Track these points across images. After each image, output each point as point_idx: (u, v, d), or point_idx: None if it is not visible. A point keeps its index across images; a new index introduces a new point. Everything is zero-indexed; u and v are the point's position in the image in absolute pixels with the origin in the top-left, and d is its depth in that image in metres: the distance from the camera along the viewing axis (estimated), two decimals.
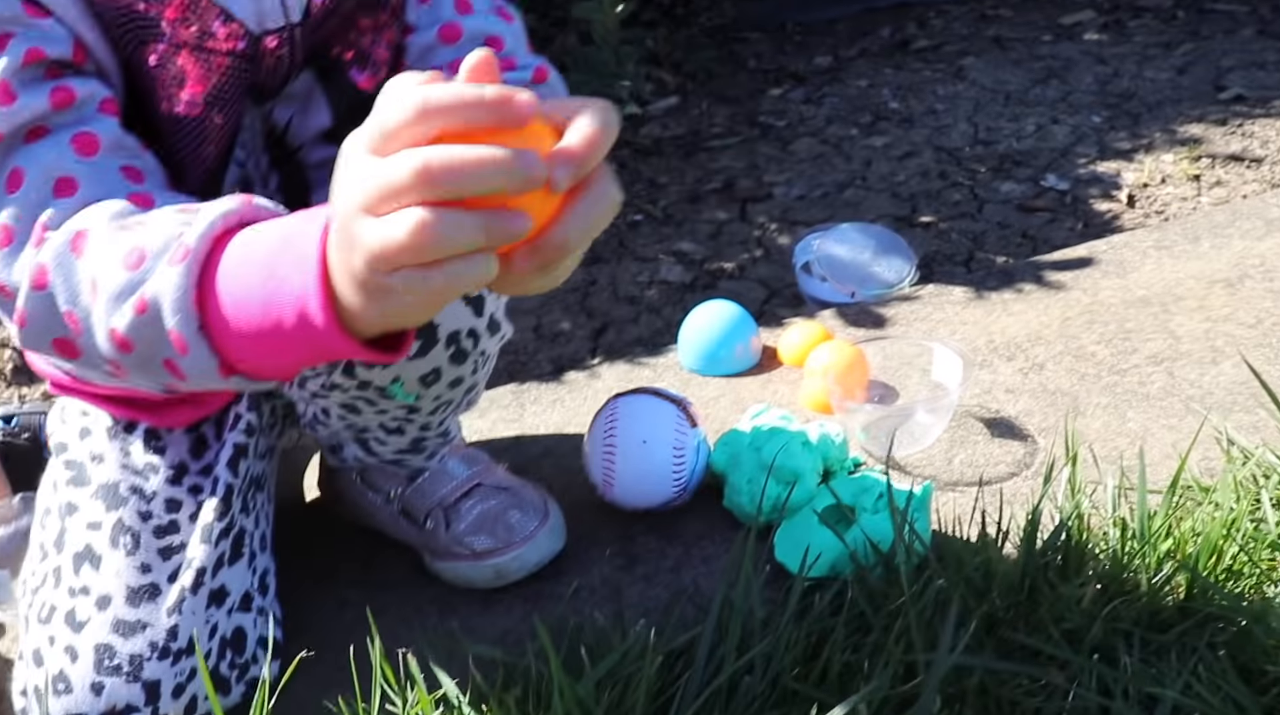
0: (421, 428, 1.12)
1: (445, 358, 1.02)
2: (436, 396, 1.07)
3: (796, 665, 0.93)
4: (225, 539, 1.05)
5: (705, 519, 1.22)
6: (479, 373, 1.09)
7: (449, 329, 1.01)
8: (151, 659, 0.98)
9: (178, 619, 1.00)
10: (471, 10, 1.00)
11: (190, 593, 1.01)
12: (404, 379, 1.02)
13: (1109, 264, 1.62)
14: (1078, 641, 0.94)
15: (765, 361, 1.52)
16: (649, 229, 2.17)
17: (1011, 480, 1.22)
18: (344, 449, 1.17)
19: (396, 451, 1.15)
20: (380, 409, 1.08)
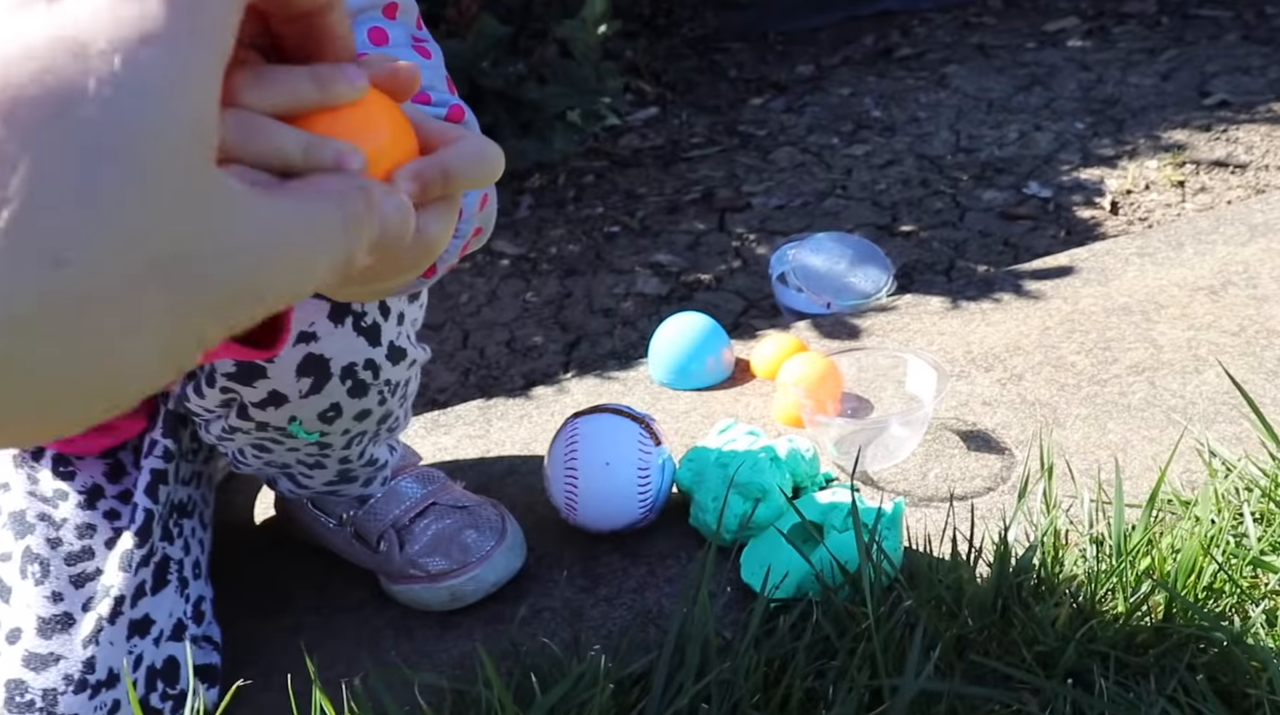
0: (341, 461, 1.07)
1: (343, 393, 0.97)
2: (345, 431, 1.02)
3: (756, 692, 0.89)
4: (146, 567, 1.01)
5: (671, 538, 1.18)
6: (389, 402, 1.03)
7: (342, 363, 0.96)
8: (66, 693, 0.93)
9: (94, 650, 0.95)
10: (387, 43, 0.93)
11: (108, 622, 0.97)
12: (301, 418, 0.97)
13: (1090, 272, 1.59)
14: (1051, 665, 0.90)
15: (738, 374, 1.48)
16: (626, 240, 2.13)
17: (988, 495, 1.18)
18: (277, 483, 1.13)
19: (326, 484, 1.11)
20: (290, 447, 1.03)
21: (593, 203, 2.30)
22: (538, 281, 2.03)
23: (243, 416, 0.98)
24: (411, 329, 1.05)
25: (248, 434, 1.00)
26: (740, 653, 0.90)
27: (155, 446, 1.06)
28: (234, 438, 1.02)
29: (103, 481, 1.06)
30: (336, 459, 1.06)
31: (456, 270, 2.10)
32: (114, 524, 1.03)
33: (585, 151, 2.49)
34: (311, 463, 1.06)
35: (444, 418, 1.48)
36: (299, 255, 0.37)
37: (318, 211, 0.38)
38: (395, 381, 1.02)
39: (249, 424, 0.98)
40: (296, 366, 0.93)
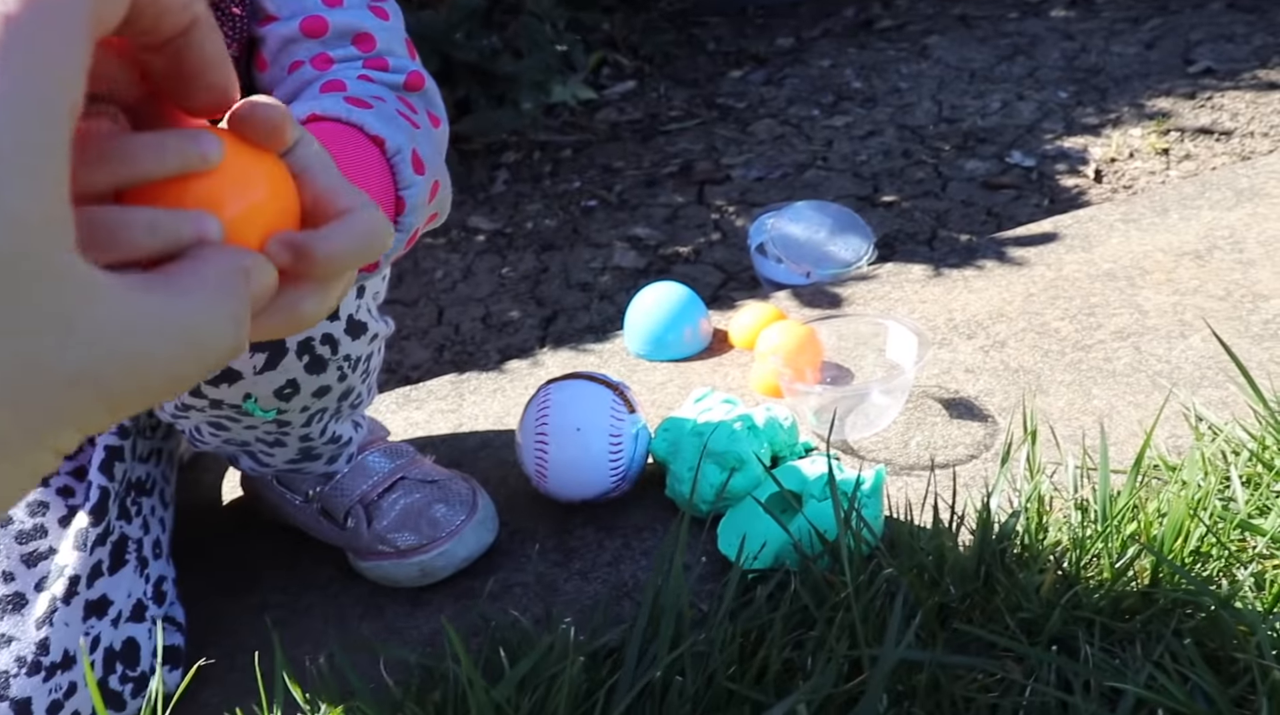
0: (302, 439, 1.03)
1: (300, 369, 0.93)
2: (304, 408, 0.98)
3: (732, 664, 0.86)
4: (102, 546, 0.97)
5: (646, 510, 1.15)
6: (350, 378, 1.00)
7: (298, 338, 0.92)
8: (19, 675, 0.90)
9: (49, 631, 0.92)
10: (341, 3, 0.86)
11: (62, 602, 0.93)
12: (256, 396, 0.93)
13: (1074, 238, 1.56)
14: (1036, 632, 0.87)
15: (716, 345, 1.45)
16: (603, 214, 2.10)
17: (970, 463, 1.16)
18: (238, 461, 1.10)
19: (288, 462, 1.07)
20: (248, 425, 0.99)
21: (569, 177, 2.26)
22: (514, 256, 2.00)
23: (195, 394, 0.94)
24: (373, 302, 1.01)
25: (202, 412, 0.97)
26: (715, 623, 0.87)
27: None
28: (188, 415, 0.99)
29: None
30: (297, 437, 1.02)
31: (430, 246, 2.07)
32: (68, 501, 0.99)
33: (561, 125, 2.46)
34: (271, 441, 1.03)
35: (415, 393, 1.45)
36: (182, 352, 0.33)
37: (200, 303, 0.34)
38: (355, 356, 0.99)
39: (202, 401, 0.95)
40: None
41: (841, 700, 0.83)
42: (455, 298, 1.90)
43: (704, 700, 0.84)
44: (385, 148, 0.71)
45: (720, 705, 0.85)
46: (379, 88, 0.80)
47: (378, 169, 0.71)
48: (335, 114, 0.72)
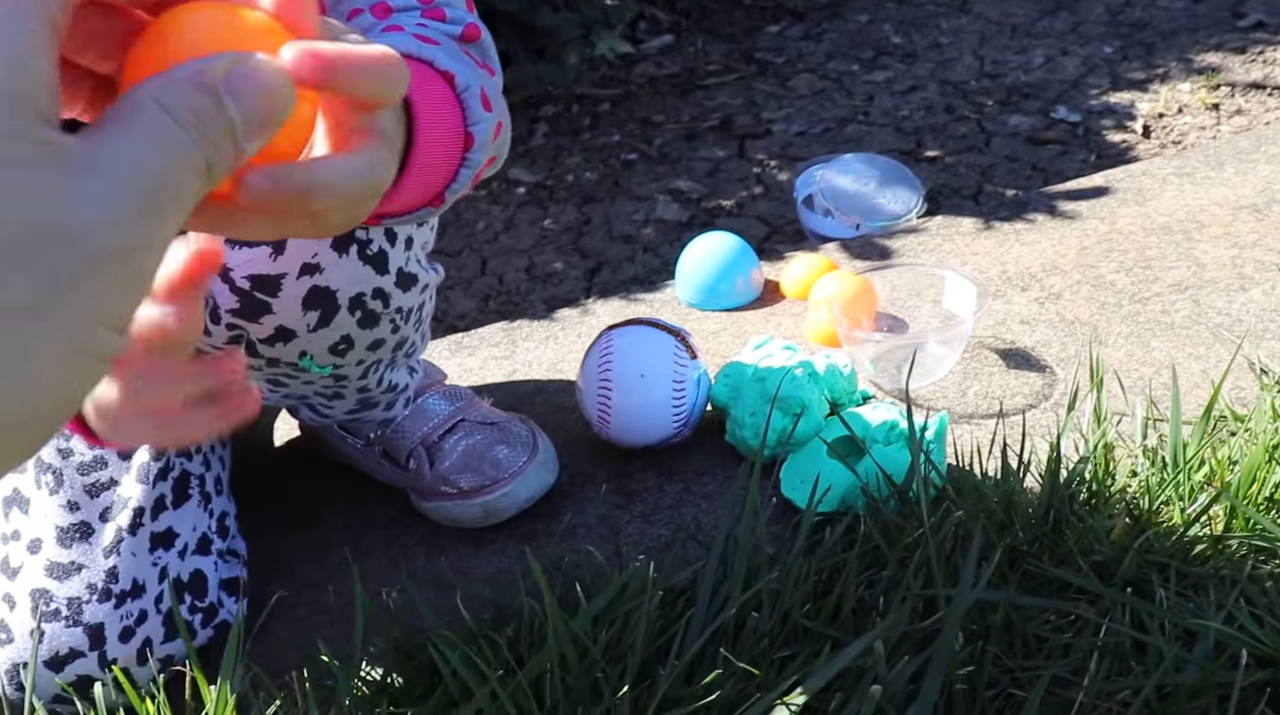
0: (360, 390, 1.04)
1: (353, 324, 0.93)
2: (359, 362, 0.98)
3: (806, 601, 0.86)
4: (164, 481, 0.98)
5: (706, 455, 1.16)
6: (403, 329, 1.00)
7: (350, 293, 0.91)
8: (91, 601, 0.91)
9: (116, 560, 0.93)
10: None
11: (128, 533, 0.94)
12: (311, 353, 0.93)
13: (1127, 192, 1.55)
14: (1108, 575, 0.88)
15: (767, 295, 1.45)
16: (644, 168, 2.10)
17: (1029, 412, 1.16)
18: (299, 412, 1.11)
19: (347, 413, 1.08)
20: (305, 381, 0.99)
21: (609, 131, 2.25)
22: (555, 208, 2.00)
23: (252, 353, 0.94)
24: (422, 252, 1.01)
25: (259, 371, 0.97)
26: (789, 562, 0.88)
27: None
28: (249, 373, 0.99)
29: None
30: (355, 389, 1.03)
31: (472, 198, 2.07)
32: None
33: (600, 79, 2.45)
34: (330, 395, 1.03)
35: (468, 340, 1.45)
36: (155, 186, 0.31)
37: (147, 129, 0.32)
38: (407, 308, 0.98)
39: (259, 361, 0.95)
40: (302, 300, 0.89)
41: (916, 638, 0.84)
42: (498, 249, 1.90)
43: (779, 637, 0.85)
44: (455, 83, 0.69)
45: (794, 641, 0.85)
46: (438, 34, 0.78)
47: (449, 103, 0.69)
48: (406, 49, 0.69)
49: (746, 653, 0.83)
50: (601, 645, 0.83)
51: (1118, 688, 0.78)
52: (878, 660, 0.78)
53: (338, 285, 0.90)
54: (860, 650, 0.78)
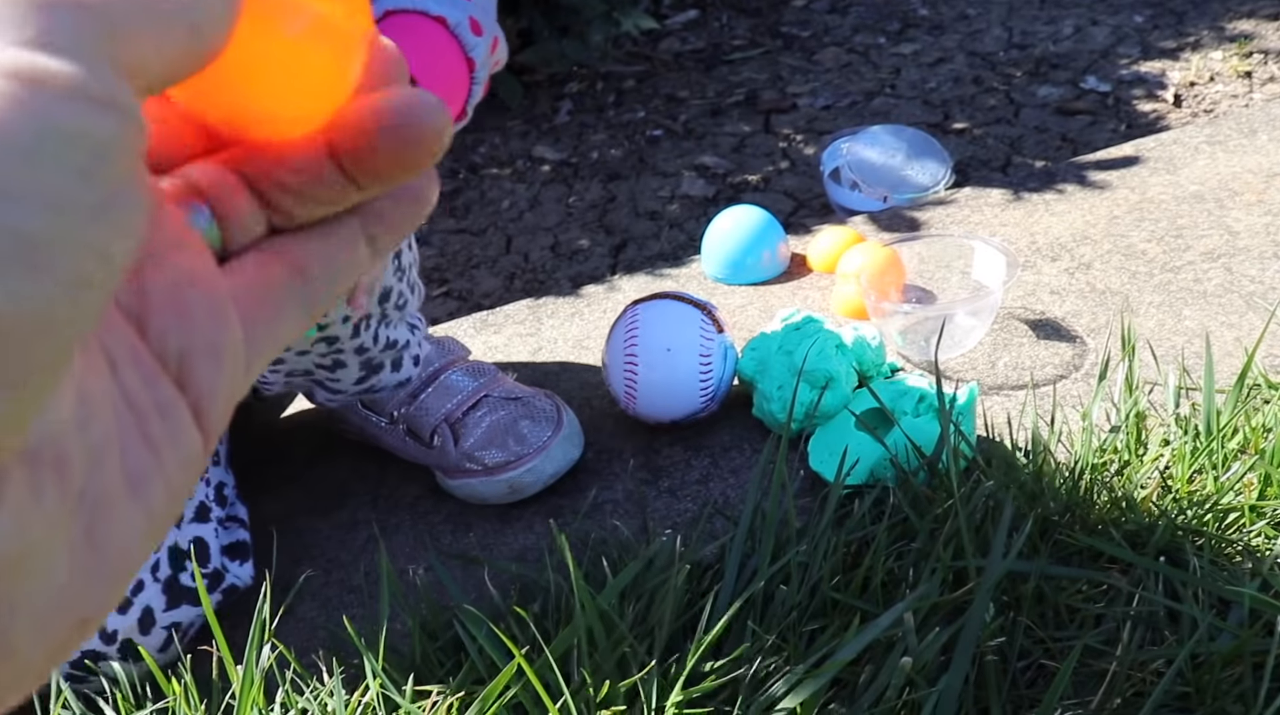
0: (358, 351, 1.03)
1: None
2: (345, 317, 0.98)
3: (836, 574, 0.86)
4: None
5: (733, 430, 1.15)
6: (385, 278, 1.00)
7: None
8: None
9: None
10: None
11: None
12: None
13: (1157, 161, 1.53)
14: (1140, 545, 0.87)
15: (794, 269, 1.44)
16: (669, 144, 2.08)
17: (1060, 382, 1.14)
18: (314, 395, 1.11)
19: (356, 383, 1.07)
20: (299, 351, 0.99)
21: (633, 107, 2.24)
22: (580, 186, 1.99)
23: None
24: None
25: None
26: (818, 535, 0.87)
27: None
28: None
29: None
30: (352, 351, 1.03)
31: (496, 176, 2.06)
32: None
33: (624, 55, 2.43)
34: (330, 364, 1.03)
35: (492, 317, 1.45)
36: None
37: None
38: None
39: None
40: None
41: (947, 609, 0.83)
42: (523, 227, 1.89)
43: (808, 610, 0.84)
44: (447, 23, 0.87)
45: (823, 614, 0.85)
46: None
47: (446, 41, 0.86)
48: (401, 6, 0.87)
49: (775, 626, 0.82)
50: (629, 620, 0.83)
51: (1151, 657, 0.77)
52: (908, 632, 0.77)
53: None
54: (891, 622, 0.78)
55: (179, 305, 0.24)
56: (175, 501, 0.23)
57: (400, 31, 0.86)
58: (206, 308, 0.24)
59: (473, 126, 2.24)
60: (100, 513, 0.22)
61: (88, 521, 0.21)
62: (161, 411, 0.23)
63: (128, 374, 0.23)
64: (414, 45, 0.85)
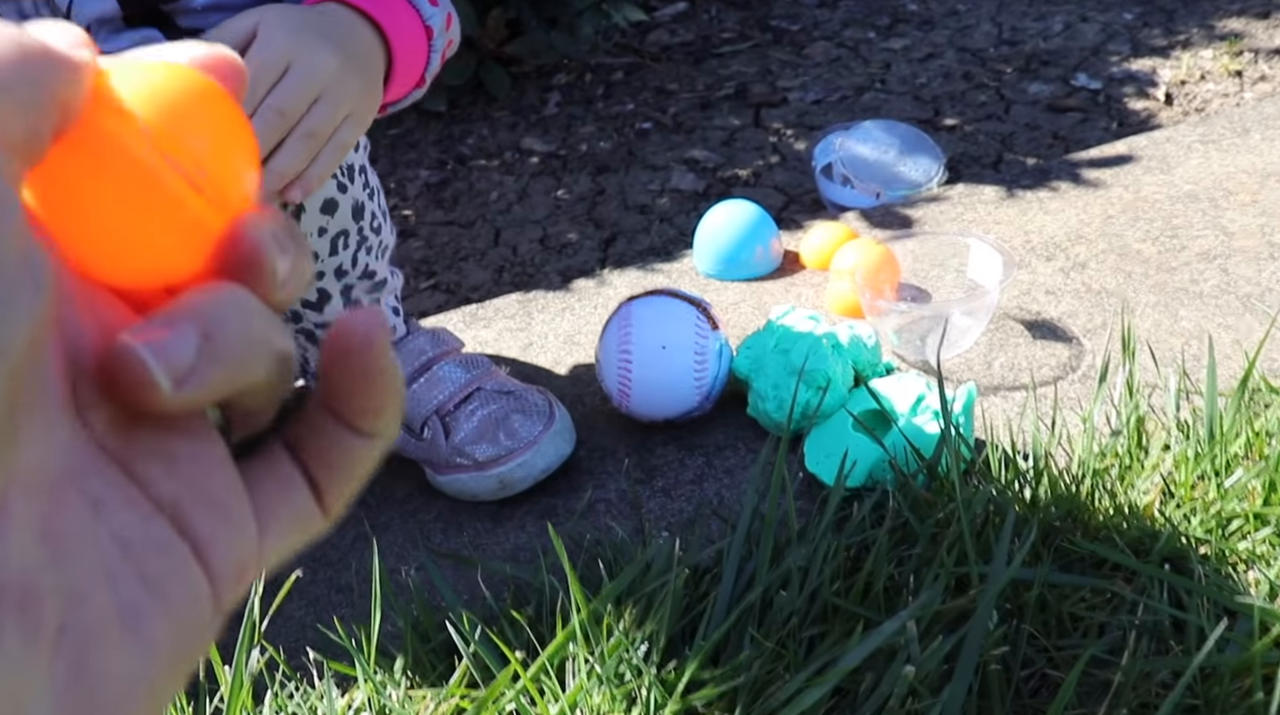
0: (338, 273, 1.04)
1: None
2: (321, 229, 0.99)
3: (836, 579, 0.84)
4: None
5: (727, 429, 1.14)
6: (352, 188, 1.01)
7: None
8: None
9: None
10: None
11: None
12: None
13: (1151, 160, 1.52)
14: (1143, 552, 0.86)
15: (786, 265, 1.42)
16: (658, 137, 2.06)
17: (1056, 384, 1.13)
18: (307, 362, 1.10)
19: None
20: None
21: (622, 99, 2.22)
22: (569, 178, 1.97)
23: None
24: None
25: None
26: (817, 539, 0.86)
27: None
28: None
29: None
30: (332, 273, 1.03)
31: (485, 168, 2.04)
32: None
33: (612, 48, 2.41)
34: (315, 298, 1.04)
35: (482, 311, 1.43)
36: None
37: None
38: (346, 162, 1.00)
39: None
40: None
41: (948, 617, 0.82)
42: (511, 219, 1.87)
43: (808, 616, 0.83)
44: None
45: (822, 620, 0.83)
46: None
47: (403, 9, 0.87)
48: None
49: (774, 632, 0.81)
50: (625, 625, 0.81)
51: (1157, 668, 0.76)
52: (910, 640, 0.76)
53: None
54: (895, 629, 0.76)
55: (165, 452, 0.23)
56: (184, 644, 0.23)
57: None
58: (195, 457, 0.24)
59: (460, 117, 2.22)
60: (89, 650, 0.21)
61: (73, 659, 0.20)
62: (158, 549, 0.23)
63: (117, 514, 0.22)
64: (374, 6, 0.85)
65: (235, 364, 0.23)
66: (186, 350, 0.22)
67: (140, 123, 0.22)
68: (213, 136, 0.23)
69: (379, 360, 0.25)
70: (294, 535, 0.26)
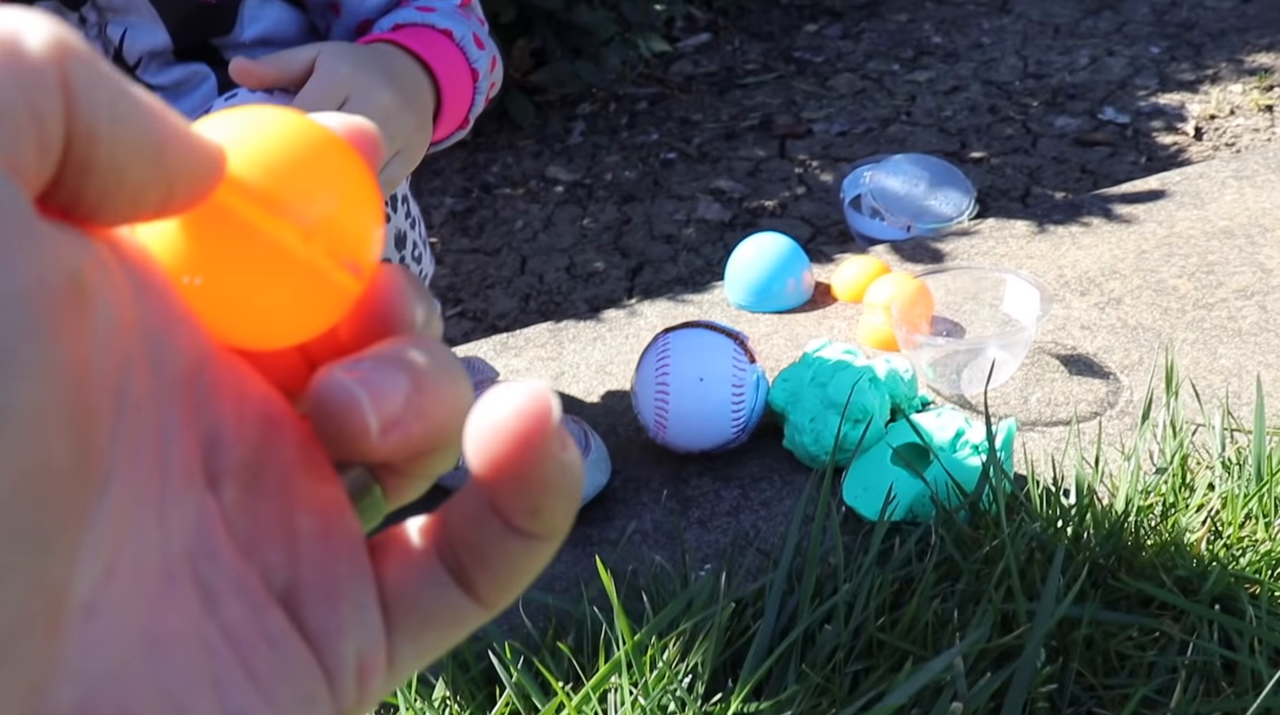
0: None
1: None
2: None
3: (881, 614, 0.84)
4: None
5: (762, 460, 1.13)
6: (395, 217, 1.01)
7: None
8: None
9: None
10: None
11: None
12: None
13: (1184, 195, 1.52)
14: (1191, 591, 0.85)
15: (818, 297, 1.42)
16: (683, 167, 2.07)
17: (1094, 420, 1.13)
18: None
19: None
20: None
21: (647, 129, 2.23)
22: (594, 207, 1.97)
23: None
24: None
25: None
26: (862, 573, 0.85)
27: None
28: None
29: None
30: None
31: (510, 196, 2.04)
32: None
33: (637, 77, 2.42)
34: None
35: (513, 340, 1.43)
36: None
37: None
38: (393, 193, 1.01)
39: None
40: None
41: (994, 654, 0.81)
42: (537, 248, 1.87)
43: (853, 651, 0.82)
44: (453, 35, 0.91)
45: (866, 655, 0.83)
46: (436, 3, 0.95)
47: (452, 52, 0.91)
48: (410, 19, 0.91)
49: (818, 667, 0.80)
50: (669, 658, 0.81)
51: (1209, 710, 0.75)
52: (957, 676, 0.76)
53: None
54: (942, 666, 0.76)
55: (288, 528, 0.22)
56: None
57: (412, 38, 0.88)
58: (320, 535, 0.22)
59: (485, 145, 2.22)
60: None
61: None
62: (270, 642, 0.21)
63: (230, 605, 0.21)
64: (426, 48, 0.88)
65: (437, 422, 0.22)
66: (396, 395, 0.21)
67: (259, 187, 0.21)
68: (341, 194, 0.23)
69: (547, 453, 0.21)
70: (440, 630, 0.23)
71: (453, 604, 0.23)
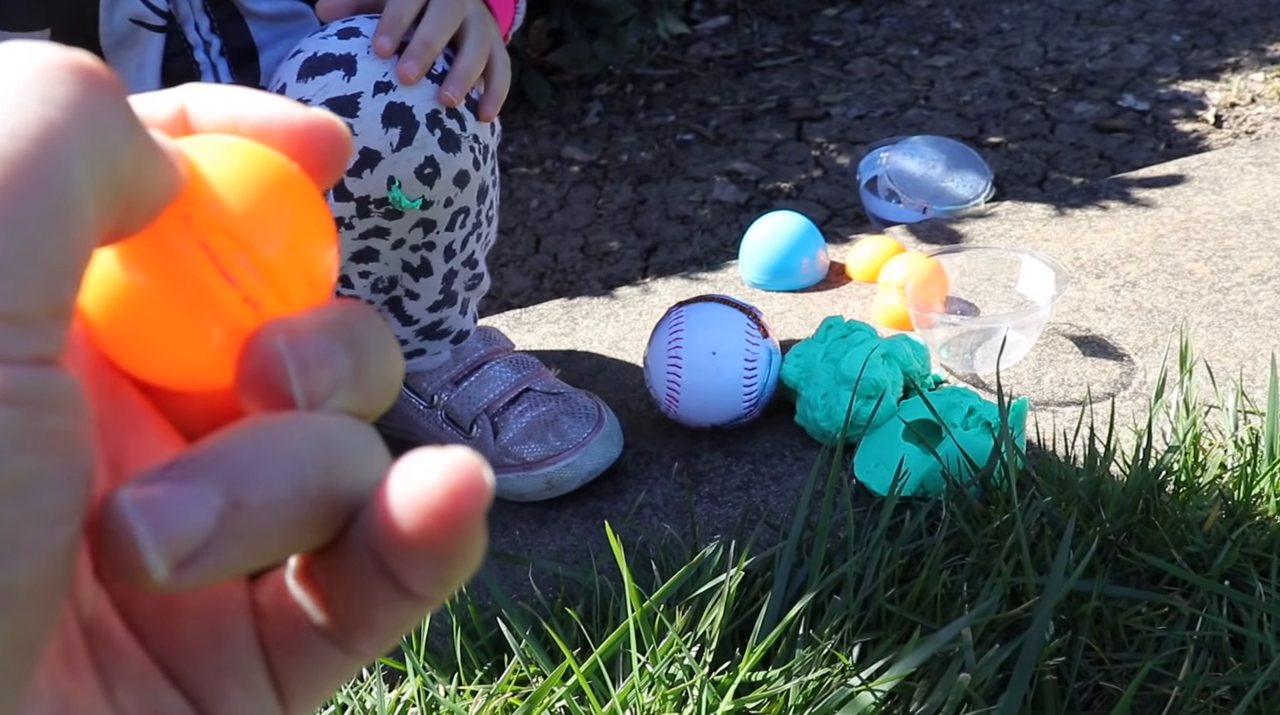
0: (446, 254, 1.02)
1: (435, 144, 0.92)
2: (448, 200, 0.97)
3: (890, 586, 0.84)
4: None
5: (773, 436, 1.13)
6: (483, 168, 1.00)
7: (425, 110, 0.92)
8: None
9: None
10: None
11: None
12: (399, 178, 0.92)
13: (1202, 181, 1.51)
14: (1202, 567, 0.85)
15: (832, 277, 1.42)
16: (700, 149, 2.07)
17: (1107, 401, 1.13)
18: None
19: (432, 308, 1.06)
20: (395, 241, 0.98)
21: (663, 111, 2.22)
22: (609, 188, 1.97)
23: (341, 197, 0.93)
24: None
25: (349, 228, 0.96)
26: (870, 546, 0.85)
27: None
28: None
29: None
30: (442, 251, 1.01)
31: (525, 175, 2.05)
32: None
33: (654, 59, 2.42)
34: (418, 265, 1.02)
35: (526, 316, 1.43)
36: None
37: None
38: (483, 141, 0.99)
39: (349, 204, 0.94)
40: (381, 116, 0.90)
41: (1002, 626, 0.81)
42: (552, 227, 1.87)
43: (861, 622, 0.82)
44: None
45: (875, 626, 0.83)
46: None
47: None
48: None
49: (826, 637, 0.80)
50: (678, 626, 0.81)
51: (1216, 684, 0.75)
52: (965, 648, 0.76)
53: (413, 101, 0.91)
54: (951, 637, 0.76)
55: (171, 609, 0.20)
56: None
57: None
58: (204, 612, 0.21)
59: (501, 124, 2.22)
60: None
61: None
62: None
63: (132, 692, 0.20)
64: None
65: (268, 538, 0.18)
66: (200, 520, 0.17)
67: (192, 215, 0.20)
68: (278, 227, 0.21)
69: (475, 530, 0.19)
70: (323, 686, 0.21)
71: (335, 662, 0.21)
